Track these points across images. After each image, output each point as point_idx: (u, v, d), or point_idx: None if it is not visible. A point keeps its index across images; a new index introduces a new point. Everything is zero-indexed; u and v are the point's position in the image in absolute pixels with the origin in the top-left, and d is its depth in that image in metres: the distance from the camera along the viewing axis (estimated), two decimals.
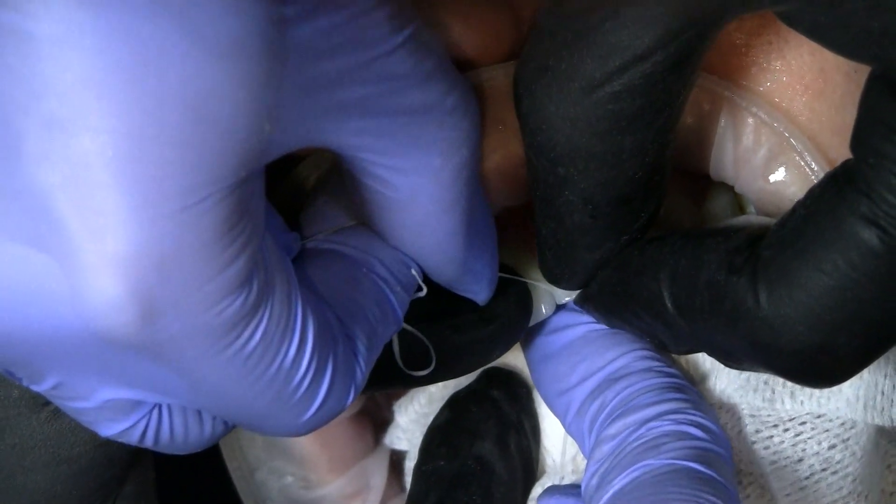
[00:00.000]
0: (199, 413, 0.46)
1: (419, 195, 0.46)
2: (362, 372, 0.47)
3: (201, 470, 0.66)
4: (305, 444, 0.64)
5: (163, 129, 0.36)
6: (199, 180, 0.37)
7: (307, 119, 0.41)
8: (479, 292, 0.53)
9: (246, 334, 0.41)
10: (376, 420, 0.67)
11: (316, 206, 0.51)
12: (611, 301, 0.51)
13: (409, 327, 0.51)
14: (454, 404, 0.61)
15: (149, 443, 0.46)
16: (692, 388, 0.53)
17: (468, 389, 0.61)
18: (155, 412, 0.45)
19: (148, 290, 0.38)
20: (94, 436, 0.51)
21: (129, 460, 0.54)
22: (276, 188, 0.54)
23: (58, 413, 0.51)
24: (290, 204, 0.54)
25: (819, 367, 0.45)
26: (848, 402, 0.53)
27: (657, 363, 0.54)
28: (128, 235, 0.37)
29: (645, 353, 0.54)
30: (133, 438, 0.45)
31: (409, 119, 0.44)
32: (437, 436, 0.60)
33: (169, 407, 0.45)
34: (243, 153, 0.38)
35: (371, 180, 0.46)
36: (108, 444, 0.52)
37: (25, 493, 0.52)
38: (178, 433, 0.46)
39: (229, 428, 0.47)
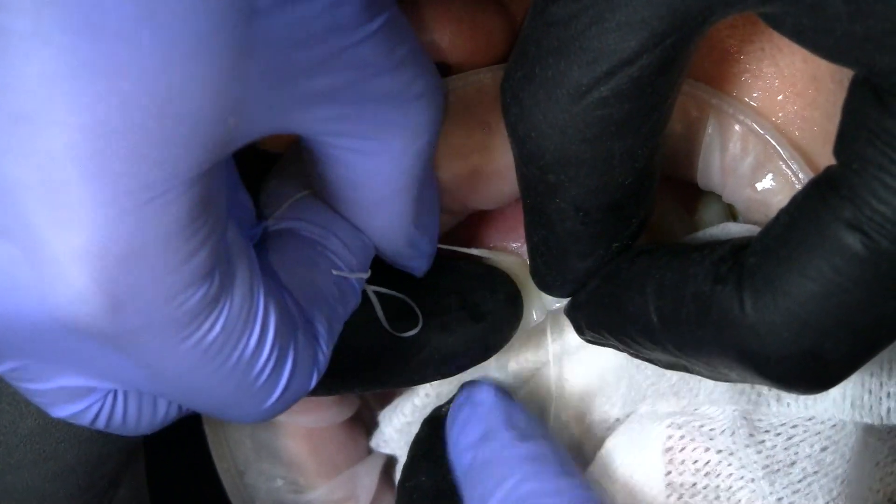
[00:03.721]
0: (154, 398, 0.47)
1: (375, 177, 0.46)
2: (324, 355, 0.47)
3: (192, 472, 0.67)
4: (295, 448, 0.64)
5: (128, 124, 0.37)
6: (163, 174, 0.38)
7: (274, 109, 0.41)
8: (419, 267, 0.53)
9: (207, 325, 0.41)
10: (370, 426, 0.67)
11: (275, 182, 0.52)
12: (599, 312, 0.51)
13: (384, 290, 0.52)
14: (434, 420, 0.61)
15: (100, 425, 0.46)
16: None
17: (448, 405, 0.61)
18: (109, 396, 0.45)
19: (112, 282, 0.38)
20: (78, 432, 0.51)
21: (119, 459, 0.54)
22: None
23: (40, 408, 0.51)
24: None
25: (807, 374, 0.45)
26: (834, 402, 0.53)
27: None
28: (93, 229, 0.37)
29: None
30: (85, 421, 0.46)
31: (375, 105, 0.44)
32: (419, 451, 0.60)
33: (124, 391, 0.46)
34: (207, 146, 0.39)
35: (329, 160, 0.46)
36: (94, 441, 0.52)
37: (15, 492, 0.52)
38: (131, 417, 0.46)
39: (183, 412, 0.48)
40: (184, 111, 0.37)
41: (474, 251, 0.58)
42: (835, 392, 0.53)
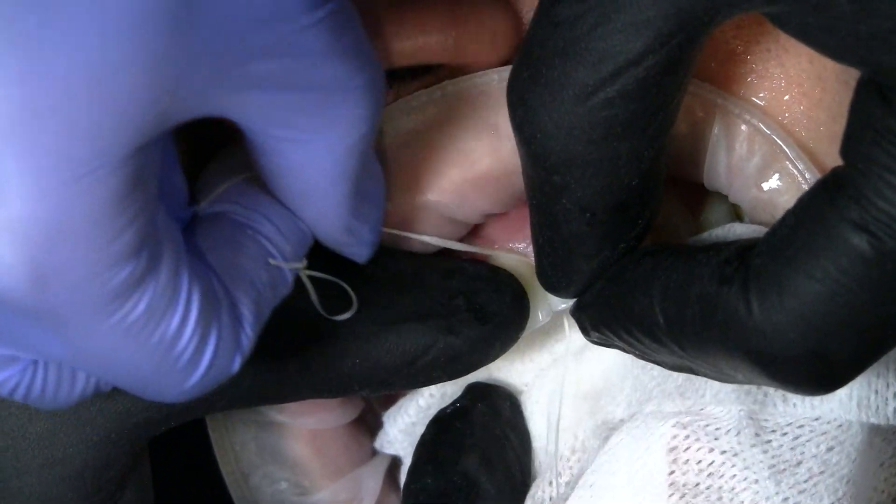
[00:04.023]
0: (74, 371, 0.47)
1: (311, 166, 0.46)
2: (248, 339, 0.47)
3: (197, 475, 0.67)
4: (299, 450, 0.64)
5: (60, 101, 0.37)
6: (93, 151, 0.38)
7: (212, 92, 0.41)
8: (361, 255, 0.53)
9: (130, 304, 0.42)
10: (374, 428, 0.67)
11: (214, 166, 0.51)
12: (604, 313, 0.51)
13: (320, 274, 0.51)
14: (439, 421, 0.61)
15: (19, 397, 0.46)
16: None
17: (453, 406, 0.61)
18: (30, 368, 0.45)
19: (38, 257, 0.38)
20: (87, 436, 0.51)
21: (126, 462, 0.54)
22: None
23: (48, 413, 0.51)
24: None
25: (813, 375, 0.45)
26: (841, 402, 0.53)
27: None
28: (21, 202, 0.37)
29: None
30: (4, 391, 0.46)
31: (315, 94, 0.43)
32: (424, 453, 0.60)
33: (45, 364, 0.46)
34: (140, 125, 0.39)
35: (266, 147, 0.46)
36: (102, 445, 0.52)
37: (21, 496, 0.52)
38: (50, 390, 0.46)
39: (101, 387, 0.48)
40: (118, 89, 0.37)
41: (480, 249, 0.58)
42: (841, 392, 0.52)
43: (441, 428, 0.60)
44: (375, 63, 0.45)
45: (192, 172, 0.50)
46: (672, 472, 0.54)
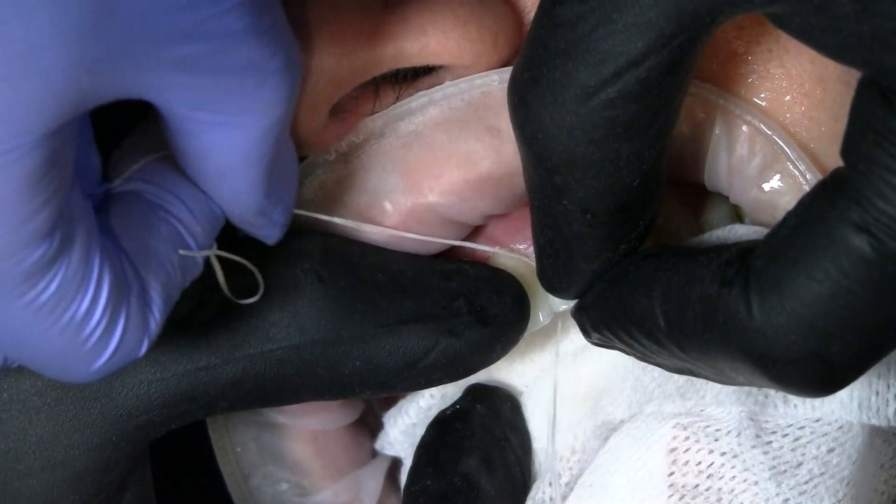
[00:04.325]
0: None
1: (226, 147, 0.46)
2: (156, 322, 0.47)
3: (197, 476, 0.67)
4: (300, 451, 0.64)
5: None
6: (10, 131, 0.38)
7: (131, 73, 0.41)
8: (271, 236, 0.53)
9: (42, 285, 0.42)
10: (374, 429, 0.67)
11: (129, 143, 0.51)
12: (605, 315, 0.51)
13: (227, 254, 0.51)
14: (439, 423, 0.61)
15: None
16: None
17: (453, 408, 0.61)
18: None
19: None
20: (88, 439, 0.51)
21: (126, 465, 0.54)
22: None
23: (49, 416, 0.51)
24: None
25: (814, 377, 0.45)
26: (842, 403, 0.53)
27: None
28: None
29: None
30: None
31: (233, 77, 0.43)
32: (424, 455, 0.60)
33: None
34: (58, 106, 0.39)
35: (182, 128, 0.46)
36: (103, 447, 0.52)
37: (22, 498, 0.52)
38: None
39: (9, 364, 0.48)
40: (36, 69, 0.37)
41: (481, 248, 0.58)
42: (842, 393, 0.53)
43: (441, 429, 0.60)
44: (293, 46, 0.45)
45: (105, 148, 0.50)
46: (672, 473, 0.54)
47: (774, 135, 0.53)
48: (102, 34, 0.38)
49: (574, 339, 0.59)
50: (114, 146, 0.51)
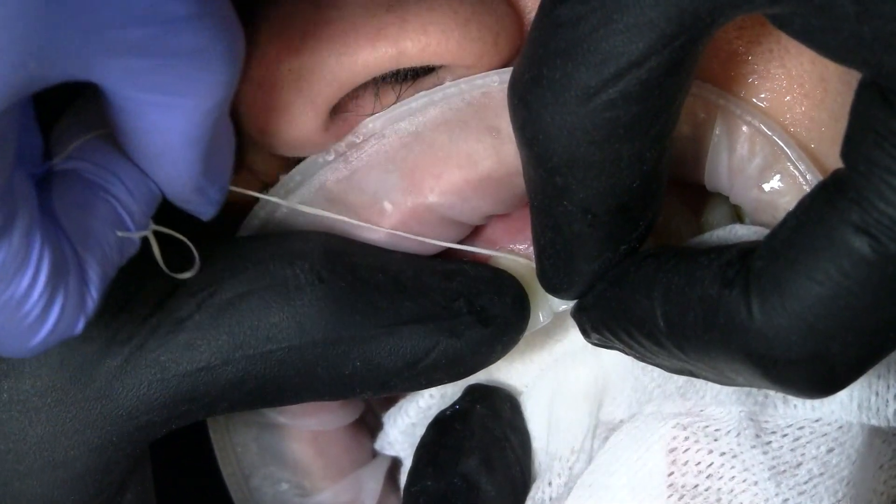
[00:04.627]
0: None
1: (167, 128, 0.46)
2: (93, 300, 0.48)
3: (198, 477, 0.67)
4: (300, 451, 0.64)
5: None
6: None
7: (79, 57, 0.41)
8: (206, 213, 0.53)
9: None
10: (374, 429, 0.67)
11: (68, 121, 0.51)
12: (605, 315, 0.51)
13: (164, 229, 0.52)
14: (439, 423, 0.61)
15: None
16: None
17: (453, 408, 0.61)
18: None
19: None
20: (88, 439, 0.51)
21: (127, 465, 0.54)
22: None
23: (50, 416, 0.51)
24: None
25: (814, 377, 0.45)
26: (842, 404, 0.53)
27: None
28: None
29: None
30: None
31: (176, 60, 0.44)
32: (424, 455, 0.60)
33: None
34: (4, 90, 0.39)
35: (124, 108, 0.46)
36: (104, 448, 0.52)
37: (22, 499, 0.52)
38: None
39: None
40: None
41: (481, 250, 0.58)
42: (842, 394, 0.53)
43: (441, 430, 0.60)
44: (237, 30, 0.45)
45: (43, 124, 0.50)
46: (671, 473, 0.54)
47: (775, 135, 0.53)
48: (51, 20, 0.39)
49: (574, 339, 0.59)
50: (53, 122, 0.51)
